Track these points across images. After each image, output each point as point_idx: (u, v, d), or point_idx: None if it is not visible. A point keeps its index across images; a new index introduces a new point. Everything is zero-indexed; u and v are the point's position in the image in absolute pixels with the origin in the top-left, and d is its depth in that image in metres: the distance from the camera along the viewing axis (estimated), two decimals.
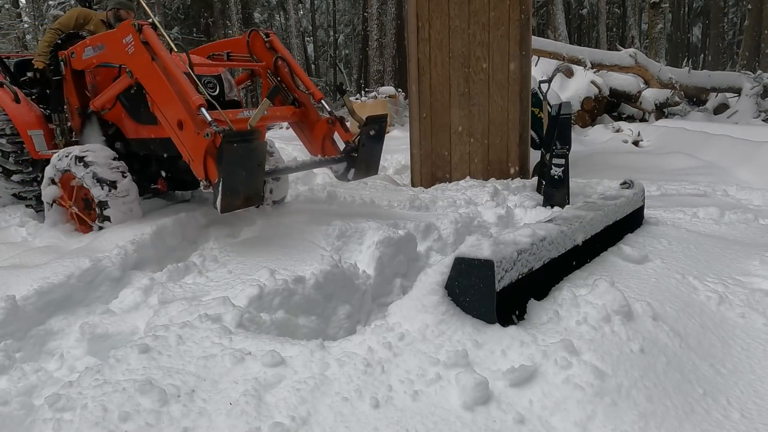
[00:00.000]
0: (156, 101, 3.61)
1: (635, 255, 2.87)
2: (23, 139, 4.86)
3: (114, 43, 3.83)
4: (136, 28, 3.59)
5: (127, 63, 3.74)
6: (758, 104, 12.46)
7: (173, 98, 3.47)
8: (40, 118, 4.96)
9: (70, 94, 4.51)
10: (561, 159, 4.83)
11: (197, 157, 3.38)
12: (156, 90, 3.59)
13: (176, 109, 3.47)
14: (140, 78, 3.68)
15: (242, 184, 3.29)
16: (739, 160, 6.82)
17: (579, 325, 2.09)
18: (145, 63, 3.59)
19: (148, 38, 3.58)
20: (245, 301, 2.66)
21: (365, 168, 4.27)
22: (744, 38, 20.78)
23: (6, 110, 4.90)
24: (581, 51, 13.47)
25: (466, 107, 6.50)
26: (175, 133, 3.51)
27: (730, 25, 32.68)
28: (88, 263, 3.27)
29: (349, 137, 4.23)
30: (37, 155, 4.86)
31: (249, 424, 1.69)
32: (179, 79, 3.45)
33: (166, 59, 3.51)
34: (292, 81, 4.38)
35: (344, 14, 35.35)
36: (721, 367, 2.05)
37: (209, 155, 3.30)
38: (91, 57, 4.16)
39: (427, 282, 2.22)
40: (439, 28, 6.42)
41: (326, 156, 4.27)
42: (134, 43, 3.61)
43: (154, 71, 3.55)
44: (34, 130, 4.89)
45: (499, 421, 1.70)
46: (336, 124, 4.29)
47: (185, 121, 3.42)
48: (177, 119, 3.46)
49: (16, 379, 2.36)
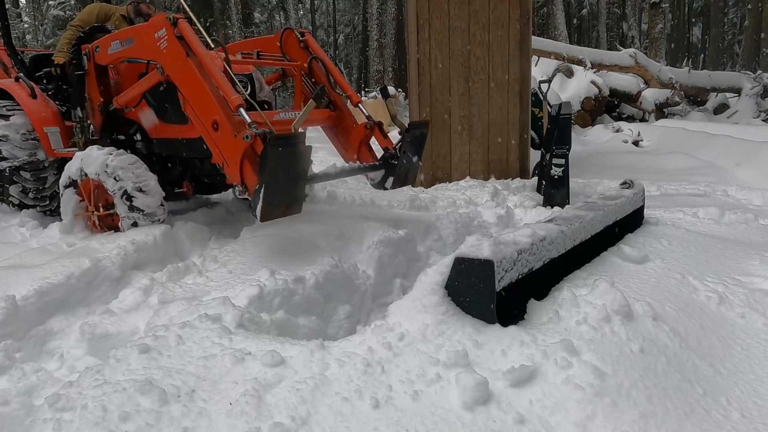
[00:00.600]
0: (189, 100, 3.43)
1: (635, 255, 2.87)
2: (39, 136, 4.66)
3: (145, 38, 3.60)
4: (171, 21, 3.38)
5: (159, 59, 3.53)
6: (758, 104, 12.47)
7: (208, 97, 3.29)
8: (57, 115, 4.78)
9: (93, 90, 4.27)
10: (561, 159, 4.84)
11: (233, 161, 3.19)
12: (190, 88, 3.40)
13: (211, 109, 3.28)
14: (172, 75, 3.48)
15: (285, 191, 3.08)
16: (739, 160, 6.82)
17: (579, 325, 2.09)
18: (179, 59, 3.38)
19: (184, 33, 3.37)
20: (245, 301, 2.66)
21: (404, 177, 4.06)
22: (744, 38, 20.78)
23: (22, 106, 4.74)
24: (581, 51, 13.49)
25: (466, 107, 6.51)
26: (208, 134, 3.33)
27: (730, 25, 32.68)
28: (88, 263, 3.27)
29: (387, 143, 4.02)
30: (52, 154, 4.69)
31: (249, 424, 1.69)
32: (217, 77, 3.27)
33: (203, 56, 3.32)
34: (328, 83, 4.20)
35: (344, 14, 35.36)
36: (721, 368, 2.05)
37: (247, 159, 3.12)
38: (118, 52, 3.92)
39: (427, 282, 2.22)
40: (439, 28, 6.43)
41: (362, 162, 4.04)
42: (168, 38, 3.40)
43: (188, 68, 3.35)
44: (50, 127, 4.69)
45: (499, 421, 1.70)
46: (374, 129, 4.08)
47: (221, 122, 3.23)
48: (212, 119, 3.28)
49: (16, 379, 2.36)
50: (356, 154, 4.13)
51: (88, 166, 3.84)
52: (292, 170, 3.06)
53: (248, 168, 3.14)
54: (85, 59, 4.19)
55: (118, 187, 3.71)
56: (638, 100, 13.25)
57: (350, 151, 4.17)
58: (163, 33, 3.42)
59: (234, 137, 3.14)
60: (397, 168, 3.91)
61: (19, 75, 4.96)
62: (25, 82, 4.84)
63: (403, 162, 3.94)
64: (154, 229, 3.67)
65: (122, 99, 4.04)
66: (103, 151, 3.84)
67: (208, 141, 3.37)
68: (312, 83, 4.28)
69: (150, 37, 3.51)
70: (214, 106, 3.25)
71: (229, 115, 3.22)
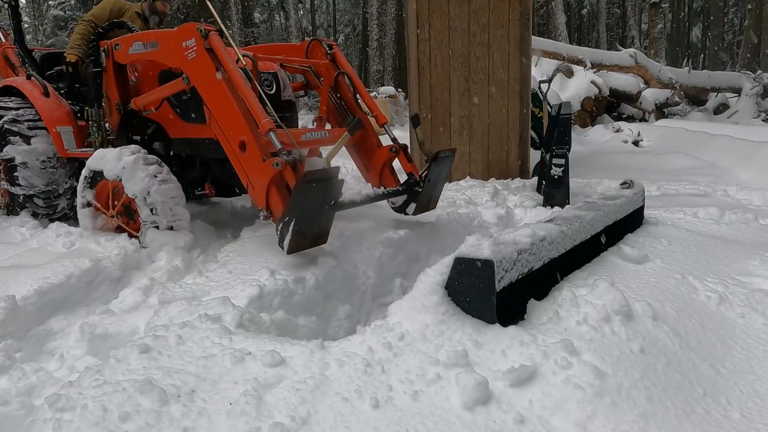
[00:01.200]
0: (215, 116, 3.30)
1: (635, 255, 2.87)
2: (51, 136, 4.56)
3: (171, 44, 3.47)
4: (202, 33, 3.25)
5: (185, 68, 3.40)
6: (758, 104, 12.48)
7: (237, 116, 3.17)
8: (70, 114, 4.67)
9: (110, 88, 4.11)
10: (561, 159, 4.84)
11: (260, 186, 3.09)
12: (217, 105, 3.28)
13: (239, 129, 3.16)
14: (199, 88, 3.35)
15: (314, 224, 3.01)
16: (739, 160, 6.83)
17: (579, 325, 2.09)
18: (207, 73, 3.26)
19: (215, 46, 3.24)
20: (245, 301, 2.66)
21: (426, 204, 3.98)
22: (744, 38, 20.79)
23: (35, 104, 4.63)
24: (581, 51, 13.51)
25: (466, 107, 6.51)
26: (234, 154, 3.22)
27: (730, 25, 32.70)
28: (88, 263, 3.28)
29: (412, 168, 3.93)
30: (65, 154, 4.57)
31: (249, 424, 1.69)
32: (248, 96, 3.14)
33: (235, 73, 3.19)
34: (354, 100, 4.06)
35: (344, 14, 35.37)
36: (721, 368, 2.05)
37: (274, 185, 3.04)
38: (140, 53, 3.81)
39: (427, 282, 2.22)
40: (439, 28, 6.43)
41: (384, 185, 3.96)
42: (197, 49, 3.28)
43: (216, 84, 3.23)
44: (63, 126, 4.58)
45: (499, 421, 1.70)
46: (399, 153, 3.97)
47: (249, 144, 3.12)
48: (239, 140, 3.15)
49: (16, 379, 2.36)
50: (378, 176, 4.04)
51: (128, 181, 3.58)
52: (324, 204, 3.00)
53: (275, 194, 3.05)
54: (103, 56, 4.06)
55: (151, 220, 3.56)
56: (638, 100, 13.26)
57: (372, 173, 4.07)
58: (192, 43, 3.30)
59: (262, 161, 3.04)
60: (420, 195, 3.85)
61: (31, 73, 4.86)
62: (37, 80, 4.75)
63: (428, 189, 3.88)
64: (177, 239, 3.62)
65: (142, 101, 3.93)
66: (149, 171, 3.58)
67: (233, 160, 3.26)
68: (337, 98, 4.16)
69: (177, 45, 3.39)
70: (242, 126, 3.15)
71: (257, 137, 3.12)
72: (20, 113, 4.60)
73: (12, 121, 4.56)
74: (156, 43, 3.65)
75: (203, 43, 3.24)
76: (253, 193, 3.17)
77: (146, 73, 4.04)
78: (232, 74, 3.18)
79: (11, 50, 5.57)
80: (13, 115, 4.57)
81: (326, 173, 2.92)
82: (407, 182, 3.92)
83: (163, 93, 3.75)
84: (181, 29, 3.42)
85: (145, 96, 3.90)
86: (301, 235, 2.95)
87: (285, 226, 2.92)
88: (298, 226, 2.90)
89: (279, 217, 2.98)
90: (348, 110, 4.12)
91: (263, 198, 3.09)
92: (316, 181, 2.84)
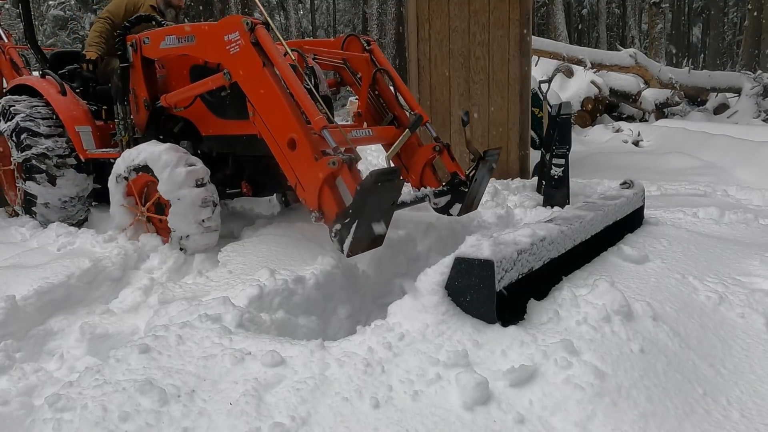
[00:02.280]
0: (261, 113, 3.15)
1: (635, 255, 2.87)
2: (70, 136, 4.43)
3: (211, 38, 3.30)
4: (248, 26, 3.08)
5: (226, 63, 3.23)
6: (758, 104, 12.48)
7: (286, 113, 3.03)
8: (88, 113, 4.56)
9: (138, 84, 3.93)
10: (561, 159, 4.84)
11: (312, 186, 2.95)
12: (264, 101, 3.12)
13: (289, 126, 3.02)
14: (243, 83, 3.20)
15: (375, 225, 2.90)
16: (739, 160, 6.83)
17: (579, 325, 2.09)
18: (253, 68, 3.10)
19: (262, 40, 3.08)
20: (245, 301, 2.66)
21: (471, 204, 3.87)
22: (744, 38, 20.80)
23: (52, 103, 4.50)
24: (581, 51, 13.50)
25: (466, 107, 6.51)
26: (281, 152, 3.08)
27: (730, 25, 32.70)
28: (88, 263, 3.28)
29: (456, 168, 3.82)
30: (85, 155, 4.43)
31: (249, 424, 1.69)
32: (299, 92, 3.00)
33: (283, 67, 3.04)
34: (395, 98, 3.92)
35: (344, 14, 35.38)
36: (721, 368, 2.05)
37: (327, 184, 2.90)
38: (173, 47, 3.61)
39: (427, 282, 2.22)
40: (439, 28, 6.43)
41: (425, 185, 3.86)
42: (241, 43, 3.12)
43: (264, 79, 3.07)
44: (82, 126, 4.45)
45: (499, 421, 1.70)
46: (443, 152, 3.86)
47: (300, 142, 2.98)
48: (288, 137, 3.01)
49: (16, 379, 2.36)
50: (419, 176, 3.92)
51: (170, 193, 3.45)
52: (386, 204, 2.91)
53: (327, 194, 2.91)
54: (130, 51, 3.88)
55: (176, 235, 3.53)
56: (638, 100, 13.26)
57: (413, 172, 3.93)
58: (235, 37, 3.14)
59: (315, 160, 2.91)
60: (467, 195, 3.75)
61: (47, 71, 4.73)
62: (54, 78, 4.62)
63: (473, 190, 3.77)
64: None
65: (173, 98, 3.76)
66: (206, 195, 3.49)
67: (280, 158, 3.12)
68: (375, 95, 4.04)
69: (218, 39, 3.23)
70: (293, 123, 3.01)
71: (308, 134, 2.98)
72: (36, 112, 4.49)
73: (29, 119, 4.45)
74: (193, 36, 3.46)
75: (249, 37, 3.08)
76: (303, 193, 3.03)
77: (176, 69, 3.90)
78: (281, 69, 3.05)
79: (14, 50, 5.52)
80: (29, 113, 4.45)
81: (392, 172, 2.82)
82: (452, 182, 3.80)
83: (200, 89, 3.60)
84: (223, 22, 3.27)
85: (179, 93, 3.74)
86: (362, 236, 2.84)
87: (345, 227, 2.79)
88: (360, 228, 2.78)
89: (334, 218, 2.86)
90: (387, 108, 4.01)
91: (315, 198, 2.95)
92: (382, 180, 2.72)
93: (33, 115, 4.45)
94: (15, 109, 4.48)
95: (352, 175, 2.92)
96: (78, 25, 25.62)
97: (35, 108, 4.51)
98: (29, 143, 4.36)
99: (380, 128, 3.86)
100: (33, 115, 4.45)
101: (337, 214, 2.85)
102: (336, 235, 2.83)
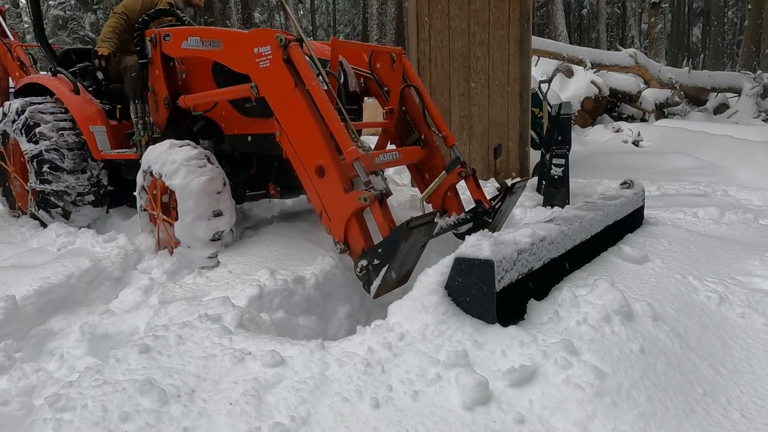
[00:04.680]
0: (289, 134, 3.01)
1: (635, 255, 2.87)
2: (85, 136, 4.27)
3: (239, 47, 3.16)
4: (281, 42, 2.91)
5: (255, 76, 3.07)
6: (758, 104, 12.48)
7: (316, 138, 2.88)
8: (101, 112, 4.38)
9: (157, 81, 3.78)
10: (561, 159, 4.84)
11: (338, 217, 2.82)
12: (292, 122, 2.98)
13: (318, 153, 2.88)
14: (271, 101, 3.05)
15: (404, 267, 2.80)
16: (739, 160, 6.83)
17: (579, 325, 2.09)
18: (284, 87, 2.95)
19: (295, 59, 2.91)
20: (245, 301, 2.66)
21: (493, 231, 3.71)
22: (744, 38, 20.80)
23: (66, 103, 4.34)
24: (581, 51, 13.50)
25: (466, 107, 6.51)
26: (309, 178, 2.94)
27: (730, 25, 32.70)
28: (88, 263, 3.28)
29: (480, 196, 3.62)
30: (100, 156, 4.27)
31: (249, 424, 1.69)
32: (332, 119, 2.83)
33: (317, 91, 2.87)
34: (423, 116, 3.73)
35: (344, 14, 35.38)
36: (721, 367, 2.05)
37: (355, 218, 2.78)
38: (196, 49, 3.46)
39: (427, 282, 2.22)
40: (439, 28, 6.43)
41: (446, 209, 3.66)
42: (272, 59, 2.97)
43: (295, 100, 2.92)
44: (96, 126, 4.28)
45: (499, 421, 1.70)
46: (469, 178, 3.62)
47: (329, 171, 2.84)
48: (317, 164, 2.87)
49: (16, 379, 2.36)
50: (441, 200, 3.71)
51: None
52: (417, 247, 2.80)
53: (355, 228, 2.78)
54: (149, 46, 3.73)
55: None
56: (638, 100, 13.25)
57: (434, 195, 3.70)
58: (266, 50, 2.99)
59: (344, 192, 2.78)
60: (490, 225, 3.60)
61: (59, 69, 4.57)
62: (66, 76, 4.47)
63: (497, 220, 3.63)
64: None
65: (192, 101, 3.64)
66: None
67: (306, 183, 2.98)
68: (402, 112, 3.83)
69: (247, 50, 3.08)
70: (322, 150, 2.86)
71: (338, 163, 2.83)
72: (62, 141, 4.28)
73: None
74: (219, 42, 3.31)
75: (281, 53, 2.93)
76: (328, 222, 2.90)
77: (197, 66, 3.74)
78: (314, 92, 2.88)
79: (21, 48, 5.41)
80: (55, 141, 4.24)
81: (428, 219, 2.68)
82: (476, 210, 3.61)
83: (222, 97, 3.48)
84: (254, 33, 3.12)
85: (199, 96, 3.62)
86: (390, 279, 2.74)
87: (374, 269, 2.68)
88: (389, 272, 2.68)
89: (360, 254, 2.75)
90: (413, 126, 3.80)
91: (341, 231, 2.82)
92: (418, 226, 2.60)
93: (59, 145, 4.23)
94: (41, 132, 4.23)
95: (383, 211, 2.77)
96: (78, 25, 25.62)
97: (62, 135, 4.27)
98: (50, 178, 4.21)
99: (406, 150, 3.69)
100: (59, 145, 4.23)
101: (364, 250, 2.74)
102: (362, 271, 2.71)
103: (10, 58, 5.41)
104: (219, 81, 3.57)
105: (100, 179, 4.41)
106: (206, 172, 3.31)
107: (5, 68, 5.55)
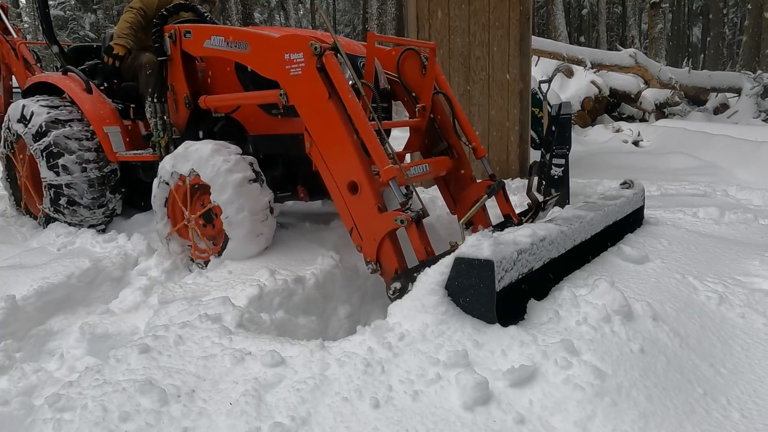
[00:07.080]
0: (321, 148, 2.87)
1: (635, 255, 2.87)
2: (99, 137, 4.12)
3: (269, 52, 3.02)
4: (316, 50, 2.77)
5: (284, 84, 2.95)
6: (758, 104, 12.47)
7: (350, 154, 2.76)
8: (115, 112, 4.24)
9: (177, 80, 3.62)
10: (561, 159, 4.83)
11: (370, 237, 2.73)
12: (324, 135, 2.85)
13: (352, 169, 2.76)
14: (302, 110, 2.92)
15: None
16: (739, 160, 6.83)
17: (579, 325, 2.09)
18: (317, 98, 2.82)
19: (330, 69, 2.78)
20: (245, 301, 2.66)
21: None
22: (744, 38, 20.80)
23: (78, 103, 4.19)
24: (581, 51, 13.50)
25: (466, 107, 6.50)
26: (340, 194, 2.83)
27: (730, 25, 32.71)
28: (88, 263, 3.28)
29: (509, 210, 3.51)
30: (114, 157, 4.12)
31: (249, 424, 1.69)
32: (367, 133, 2.71)
33: (353, 105, 2.74)
34: (453, 125, 3.61)
35: (344, 14, 35.36)
36: (721, 368, 2.05)
37: (389, 238, 2.69)
38: (219, 49, 3.33)
39: (427, 282, 2.22)
40: (439, 28, 6.43)
41: (472, 221, 3.47)
42: (305, 67, 2.84)
43: (328, 112, 2.79)
44: (110, 126, 4.13)
45: (499, 421, 1.70)
46: (499, 192, 3.46)
47: (363, 188, 2.74)
48: (350, 180, 2.77)
49: (16, 379, 2.36)
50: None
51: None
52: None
53: (389, 248, 2.69)
54: (168, 42, 3.58)
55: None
56: (638, 100, 13.25)
57: (461, 207, 3.61)
58: (299, 57, 2.85)
59: (378, 211, 2.69)
60: None
61: (69, 67, 4.42)
62: (77, 75, 4.32)
63: None
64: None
65: (214, 103, 3.54)
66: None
67: (336, 198, 2.87)
68: (431, 120, 3.70)
69: (278, 55, 2.94)
70: (357, 166, 2.75)
71: (372, 180, 2.74)
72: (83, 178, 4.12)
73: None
74: (246, 44, 3.16)
75: (315, 62, 2.80)
76: (359, 240, 2.80)
77: (219, 64, 3.62)
78: (349, 103, 2.76)
79: (25, 46, 5.30)
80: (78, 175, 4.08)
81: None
82: (503, 225, 3.42)
83: (247, 101, 3.40)
84: (286, 38, 2.97)
85: (221, 99, 3.53)
86: None
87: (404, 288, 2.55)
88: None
89: (393, 275, 2.66)
90: (441, 134, 3.67)
91: (373, 250, 2.73)
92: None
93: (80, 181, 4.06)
94: (64, 164, 4.02)
95: (420, 233, 2.68)
96: (78, 25, 25.63)
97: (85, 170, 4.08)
98: (65, 211, 4.12)
99: (435, 161, 3.56)
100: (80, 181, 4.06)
101: (397, 272, 2.66)
102: (394, 294, 2.59)
103: (13, 57, 5.28)
104: (243, 80, 3.47)
105: (114, 210, 4.30)
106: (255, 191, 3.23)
107: (8, 67, 5.45)
